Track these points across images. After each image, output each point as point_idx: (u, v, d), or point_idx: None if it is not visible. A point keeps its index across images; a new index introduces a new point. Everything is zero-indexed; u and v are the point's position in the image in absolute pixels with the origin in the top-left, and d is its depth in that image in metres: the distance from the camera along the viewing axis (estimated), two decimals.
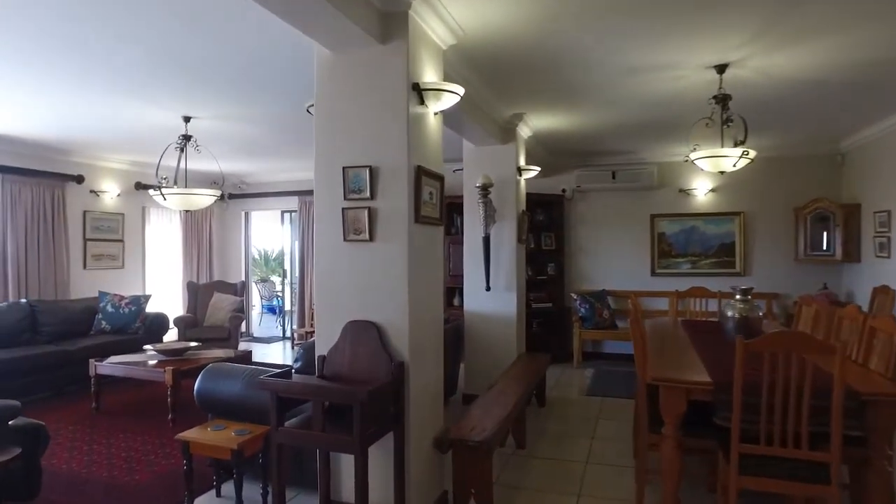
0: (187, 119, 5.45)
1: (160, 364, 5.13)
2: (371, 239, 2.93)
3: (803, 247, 6.93)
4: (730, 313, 4.00)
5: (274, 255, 14.00)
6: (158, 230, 8.67)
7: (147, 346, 5.41)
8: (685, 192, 7.55)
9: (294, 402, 2.96)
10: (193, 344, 5.62)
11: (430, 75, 3.17)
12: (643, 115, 5.46)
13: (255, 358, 7.85)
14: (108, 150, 7.32)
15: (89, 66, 4.04)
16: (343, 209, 2.97)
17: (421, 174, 2.99)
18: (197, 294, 7.95)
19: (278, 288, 12.75)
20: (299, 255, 9.14)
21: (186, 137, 5.51)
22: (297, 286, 9.39)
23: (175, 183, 5.46)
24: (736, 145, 4.05)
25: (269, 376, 2.76)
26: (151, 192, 5.26)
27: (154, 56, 3.85)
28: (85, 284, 7.46)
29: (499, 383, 4.50)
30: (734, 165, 4.01)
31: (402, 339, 2.90)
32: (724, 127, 4.11)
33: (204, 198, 5.44)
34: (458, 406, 5.33)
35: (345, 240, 2.98)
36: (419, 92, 2.98)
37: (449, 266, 7.70)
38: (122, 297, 6.96)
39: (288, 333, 9.84)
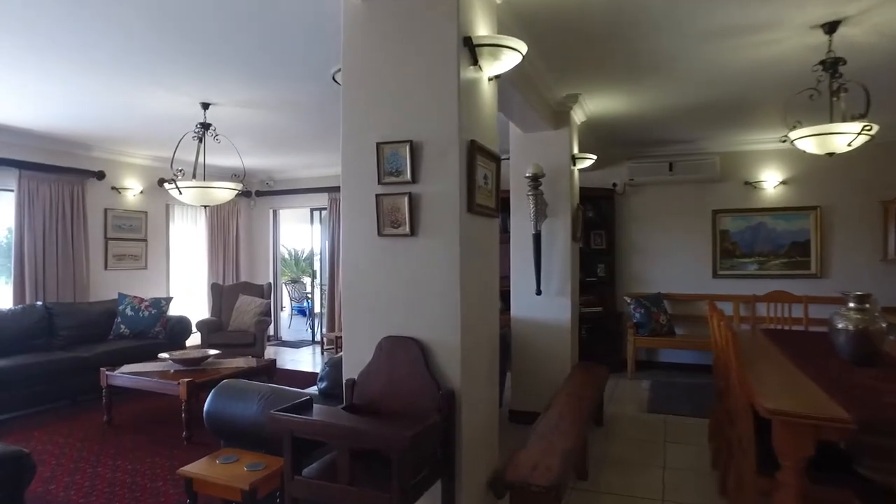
0: (206, 106, 4.94)
1: (175, 375, 4.62)
2: (412, 233, 2.32)
3: (894, 245, 6.08)
4: (841, 325, 3.26)
5: (304, 255, 13.57)
6: (183, 229, 8.25)
7: (163, 355, 4.92)
8: (751, 185, 6.75)
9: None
10: (213, 352, 5.11)
11: (483, 30, 2.54)
12: (714, 93, 4.75)
13: (282, 363, 7.35)
14: (130, 145, 6.90)
15: (99, 42, 3.54)
16: (377, 196, 2.36)
17: (475, 151, 2.36)
18: (222, 296, 7.49)
19: (309, 289, 12.29)
20: (329, 255, 8.62)
21: (205, 126, 5.01)
22: (326, 288, 8.86)
23: (193, 176, 4.96)
24: (849, 120, 3.32)
25: (285, 409, 2.16)
26: (167, 185, 4.76)
27: (166, 34, 3.32)
28: (106, 286, 7.06)
29: (556, 403, 3.84)
30: (849, 145, 3.28)
31: (453, 360, 2.28)
32: (833, 99, 3.38)
33: (223, 192, 4.92)
34: (506, 425, 4.69)
35: (380, 234, 2.38)
36: (472, 49, 2.36)
37: None
38: (142, 300, 6.51)
39: (318, 337, 9.32)
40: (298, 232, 12.73)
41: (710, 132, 6.41)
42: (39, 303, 6.03)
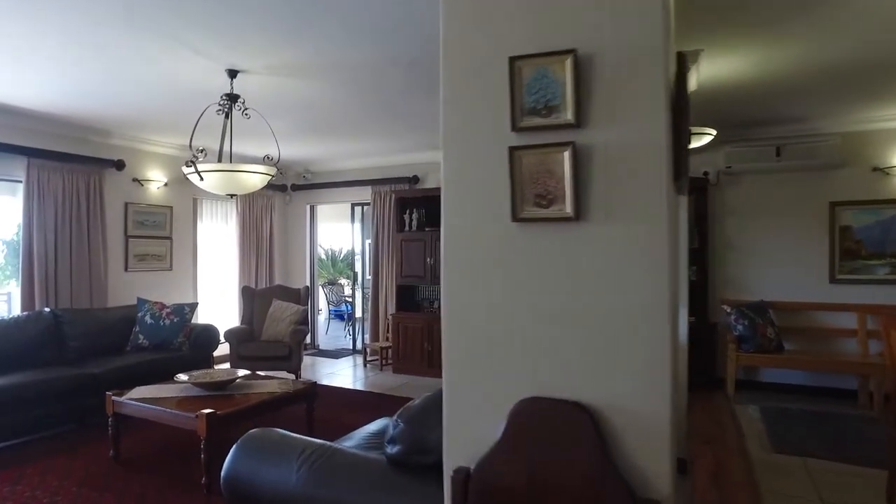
0: (233, 74, 4.01)
1: (194, 403, 3.69)
2: (577, 216, 1.30)
3: None
4: None
5: (342, 255, 12.68)
6: (212, 227, 7.40)
7: (181, 376, 4.00)
8: (882, 171, 5.55)
9: None
10: (241, 373, 4.17)
11: None
12: (869, 50, 3.63)
13: (319, 377, 6.41)
14: (152, 130, 6.05)
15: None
16: (512, 152, 1.35)
17: (685, 72, 1.33)
18: (253, 301, 6.59)
19: (347, 292, 11.39)
20: (373, 255, 7.66)
21: (232, 98, 4.08)
22: (369, 291, 7.91)
23: (219, 159, 4.04)
24: None
25: None
26: (185, 168, 3.84)
27: None
28: (126, 289, 6.23)
29: (703, 458, 2.77)
30: None
31: (656, 444, 1.25)
32: None
33: (253, 177, 3.98)
34: None
35: (515, 218, 1.37)
36: None
37: None
38: (163, 306, 5.64)
39: (359, 345, 8.37)
40: (335, 230, 11.84)
41: (830, 108, 5.24)
42: (47, 309, 5.20)
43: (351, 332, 10.26)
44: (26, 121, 5.33)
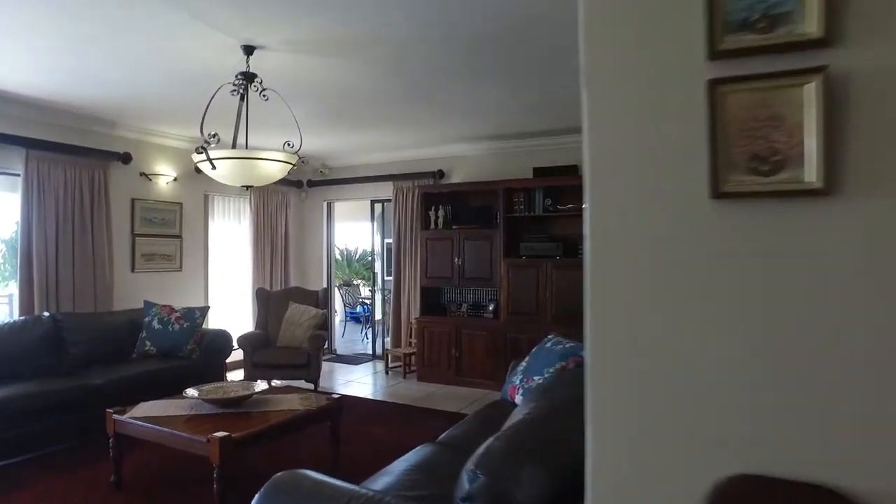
0: (249, 50, 3.55)
1: (205, 424, 3.22)
2: (827, 189, 0.80)
3: None
4: None
5: (357, 255, 12.22)
6: (224, 225, 6.95)
7: (190, 391, 3.53)
8: None
9: None
10: (259, 386, 3.70)
11: None
12: None
13: (337, 386, 5.94)
14: (161, 121, 5.60)
15: None
16: (711, 86, 0.85)
17: None
18: (268, 304, 6.14)
19: (364, 293, 10.94)
20: (394, 255, 7.18)
21: (248, 77, 3.61)
22: (390, 293, 7.43)
23: (233, 146, 3.58)
24: None
25: None
26: (195, 156, 3.38)
27: None
28: (133, 291, 5.79)
29: None
30: None
31: None
32: None
33: (272, 166, 3.51)
34: None
35: (716, 194, 0.87)
36: None
37: None
38: (172, 310, 5.19)
39: (378, 350, 7.89)
40: (350, 229, 11.39)
41: None
42: (46, 313, 4.76)
43: (369, 336, 9.81)
44: (23, 109, 4.89)
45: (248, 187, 3.69)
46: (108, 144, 5.57)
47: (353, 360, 7.69)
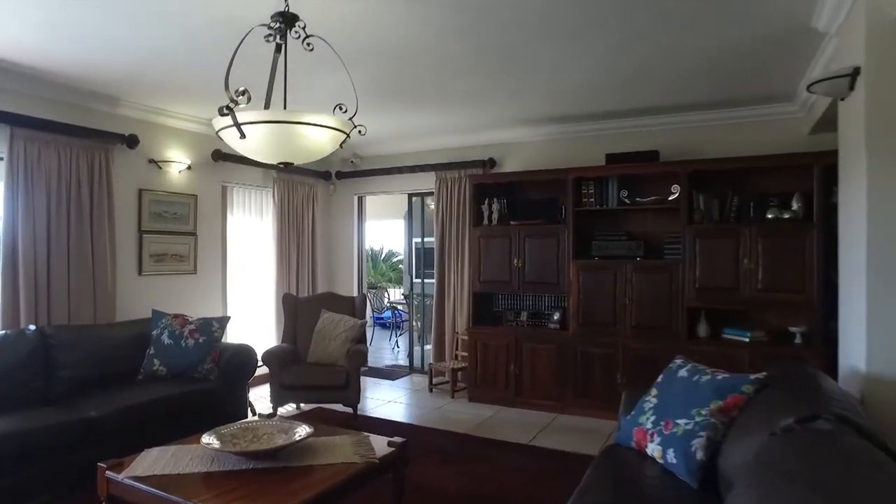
0: None
1: (228, 485, 2.29)
2: None
3: None
4: None
5: (383, 256, 11.28)
6: (245, 220, 6.04)
7: (206, 439, 2.59)
8: None
9: None
10: (300, 431, 2.74)
11: None
12: None
13: (375, 408, 4.98)
14: (173, 98, 4.69)
15: None
16: None
17: None
18: (296, 313, 5.21)
19: (393, 297, 10.01)
20: (438, 255, 6.23)
21: (286, 20, 2.67)
22: (432, 299, 6.48)
23: (267, 105, 2.65)
24: None
25: None
26: (217, 121, 2.44)
27: None
28: (139, 298, 4.89)
29: None
30: None
31: None
32: None
33: (318, 135, 2.56)
34: None
35: None
36: None
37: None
38: (185, 321, 4.28)
39: (416, 362, 6.94)
40: (376, 228, 10.46)
41: None
42: (32, 327, 3.86)
43: (399, 345, 8.90)
44: (6, 77, 4.01)
45: (284, 165, 2.75)
46: (110, 124, 4.67)
47: (389, 373, 6.75)
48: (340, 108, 2.77)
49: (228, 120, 2.43)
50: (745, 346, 4.55)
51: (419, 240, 7.09)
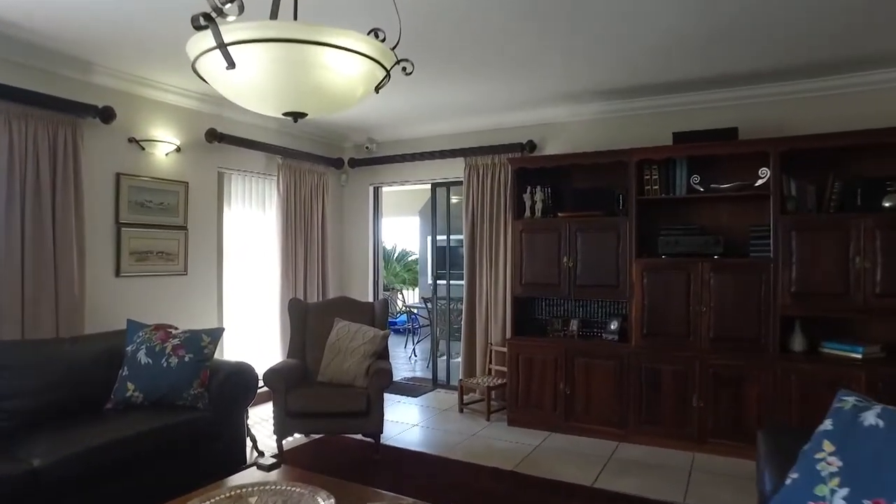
0: None
1: None
2: None
3: None
4: None
5: (396, 254, 10.38)
6: (244, 213, 5.15)
7: None
8: None
9: None
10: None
11: None
12: None
13: (404, 433, 4.06)
14: (159, 63, 3.80)
15: None
16: None
17: None
18: (305, 321, 4.31)
19: (411, 299, 9.11)
20: (468, 253, 5.33)
21: None
22: (455, 304, 5.58)
23: (273, 16, 1.75)
24: None
25: None
26: (194, 43, 1.55)
27: None
28: (118, 305, 4.00)
29: None
30: None
31: None
32: None
33: (347, 70, 1.66)
34: None
35: None
36: None
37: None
38: (168, 334, 3.39)
39: (441, 375, 6.03)
40: (389, 224, 9.57)
41: None
42: None
43: (417, 353, 8.02)
44: None
45: (294, 118, 1.86)
46: (80, 94, 3.78)
47: (410, 389, 5.84)
48: (376, 35, 1.87)
49: (209, 40, 1.54)
50: (858, 364, 3.64)
51: (444, 237, 6.19)
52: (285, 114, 1.85)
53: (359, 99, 1.90)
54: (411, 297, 9.82)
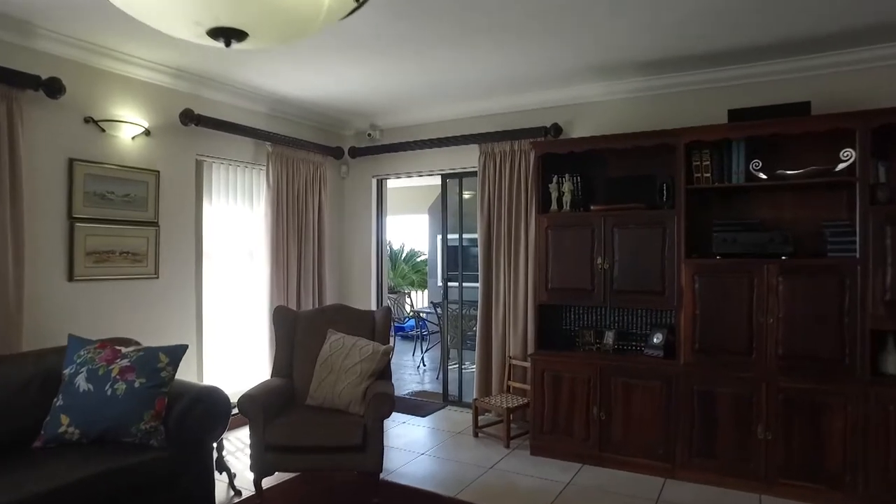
0: None
1: None
2: None
3: None
4: None
5: (404, 255, 9.69)
6: (228, 209, 4.48)
7: None
8: None
9: None
10: None
11: None
12: None
13: (409, 469, 3.34)
14: (124, 29, 3.12)
15: None
16: None
17: None
18: (294, 333, 3.63)
19: (422, 304, 8.43)
20: (483, 253, 4.62)
21: None
22: (474, 307, 4.88)
23: None
24: None
25: None
26: None
27: None
28: (71, 316, 3.35)
29: None
30: None
31: None
32: None
33: None
34: None
35: None
36: None
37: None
38: (115, 352, 2.71)
39: (452, 391, 5.33)
40: (395, 223, 8.89)
41: None
42: None
43: (426, 362, 7.34)
44: None
45: (226, 42, 1.16)
46: (20, 62, 3.12)
47: (417, 406, 5.14)
48: None
49: None
50: None
51: (455, 236, 5.50)
52: (212, 33, 1.16)
53: (324, 18, 1.20)
54: (420, 299, 9.13)
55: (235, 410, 3.03)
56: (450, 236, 5.67)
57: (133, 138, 3.69)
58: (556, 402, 3.83)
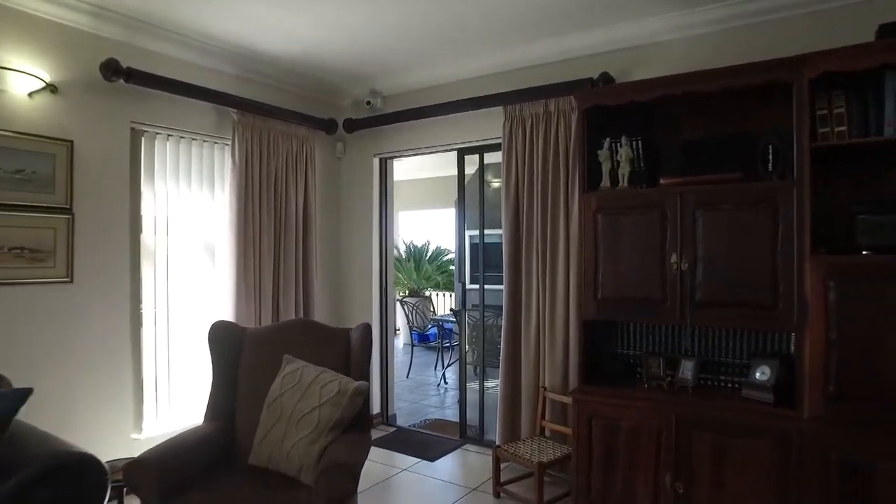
0: None
1: None
2: None
3: None
4: None
5: (429, 254, 8.58)
6: (180, 194, 3.45)
7: None
8: None
9: None
10: None
11: None
12: None
13: None
14: None
15: None
16: None
17: None
18: (238, 361, 2.56)
19: (444, 310, 7.33)
20: (509, 250, 3.45)
21: None
22: (503, 325, 3.71)
23: None
24: None
25: None
26: None
27: None
28: None
29: None
30: None
31: None
32: None
33: None
34: None
35: None
36: None
37: None
38: None
39: (472, 424, 4.16)
40: (416, 218, 7.82)
41: None
42: None
43: (448, 379, 6.23)
44: None
45: None
46: None
47: (425, 445, 4.00)
48: None
49: None
50: None
51: (474, 232, 4.35)
52: None
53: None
54: (446, 304, 8.02)
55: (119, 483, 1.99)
56: (469, 232, 4.53)
57: (30, 95, 2.72)
58: (609, 460, 2.63)
